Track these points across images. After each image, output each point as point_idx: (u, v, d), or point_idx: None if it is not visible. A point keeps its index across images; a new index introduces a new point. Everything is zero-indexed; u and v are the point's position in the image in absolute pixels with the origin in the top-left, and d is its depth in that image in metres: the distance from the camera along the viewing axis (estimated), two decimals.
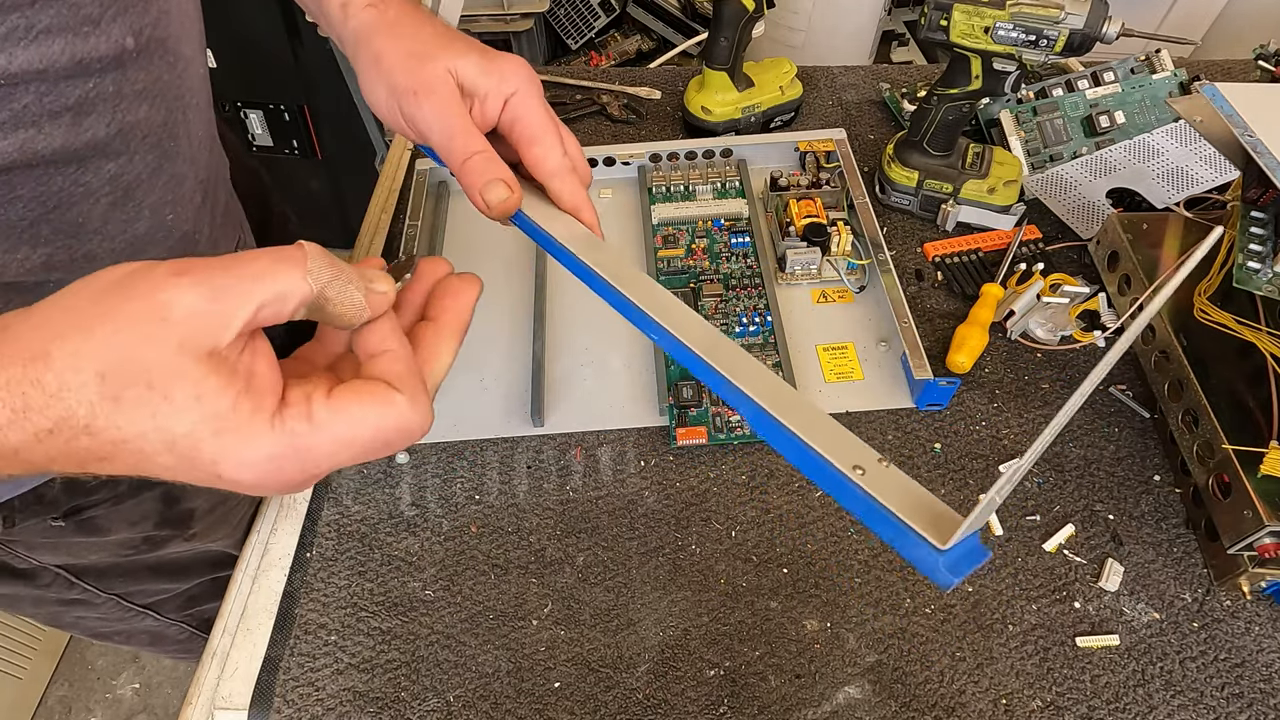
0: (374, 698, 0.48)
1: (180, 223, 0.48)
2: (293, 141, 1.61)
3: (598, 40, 1.74)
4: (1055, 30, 0.58)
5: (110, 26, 0.38)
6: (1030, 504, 0.55)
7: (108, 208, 0.43)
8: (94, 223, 0.43)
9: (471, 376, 0.63)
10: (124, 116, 0.41)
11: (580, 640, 0.50)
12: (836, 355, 0.63)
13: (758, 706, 0.47)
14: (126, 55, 0.39)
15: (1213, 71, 0.85)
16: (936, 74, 0.69)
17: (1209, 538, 0.51)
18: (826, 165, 0.73)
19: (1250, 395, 0.52)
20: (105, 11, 0.38)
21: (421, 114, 0.40)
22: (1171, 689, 0.47)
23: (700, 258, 0.69)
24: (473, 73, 0.40)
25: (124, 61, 0.40)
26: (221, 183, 0.56)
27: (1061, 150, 0.76)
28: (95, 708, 1.35)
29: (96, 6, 0.37)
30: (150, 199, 0.45)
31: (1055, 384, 0.61)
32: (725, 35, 0.74)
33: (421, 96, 0.39)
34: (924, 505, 0.31)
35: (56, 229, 0.41)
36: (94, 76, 0.38)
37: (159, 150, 0.44)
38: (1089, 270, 0.68)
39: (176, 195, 0.47)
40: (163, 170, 0.45)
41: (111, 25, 0.38)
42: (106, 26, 0.38)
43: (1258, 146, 0.50)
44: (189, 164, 0.48)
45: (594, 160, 0.76)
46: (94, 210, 0.42)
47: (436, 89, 0.40)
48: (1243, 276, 0.51)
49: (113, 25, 0.38)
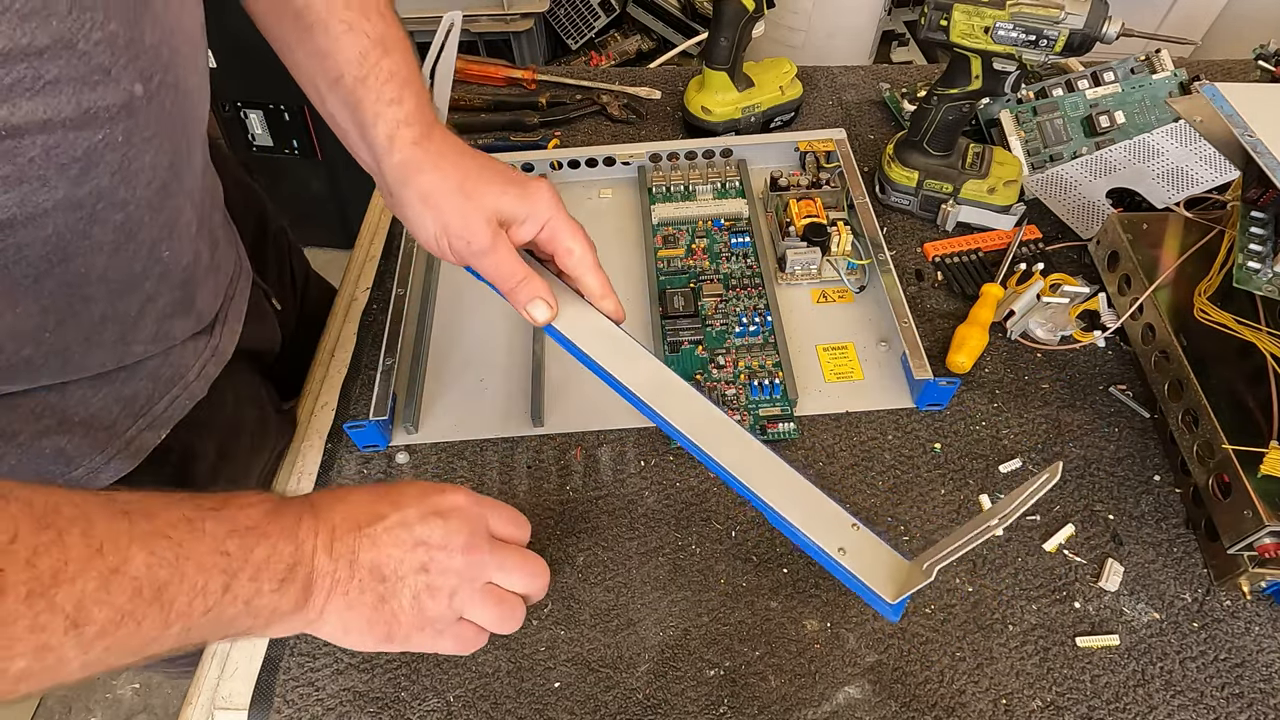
0: (374, 698, 0.48)
1: (176, 256, 0.47)
2: (293, 141, 1.61)
3: (598, 40, 1.74)
4: (1055, 30, 0.58)
5: (121, 75, 0.37)
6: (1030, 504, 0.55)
7: (110, 254, 0.41)
8: (96, 270, 0.41)
9: (471, 376, 0.63)
10: (131, 164, 0.40)
11: (580, 640, 0.50)
12: (836, 355, 0.63)
13: (758, 706, 0.47)
14: (136, 102, 0.38)
15: (1213, 71, 0.85)
16: (936, 74, 0.69)
17: (1209, 538, 0.51)
18: (826, 165, 0.73)
19: (1250, 395, 0.52)
20: (117, 60, 0.36)
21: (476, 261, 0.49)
22: (1171, 689, 0.47)
23: (700, 258, 0.69)
24: (511, 206, 0.48)
25: (134, 109, 0.38)
26: (216, 207, 0.55)
27: (1061, 150, 0.76)
28: (95, 708, 1.35)
29: (108, 55, 0.35)
30: (150, 237, 0.44)
31: (1055, 384, 0.61)
32: (725, 35, 0.74)
33: (475, 247, 0.48)
34: (884, 564, 0.43)
35: (60, 282, 0.40)
36: (104, 127, 0.37)
37: (163, 190, 0.43)
38: (1089, 270, 0.68)
39: (174, 229, 0.46)
40: (164, 208, 0.44)
41: (122, 74, 0.37)
42: (117, 75, 0.36)
43: (1258, 146, 0.50)
44: (187, 197, 0.47)
45: (594, 160, 0.76)
46: (97, 259, 0.41)
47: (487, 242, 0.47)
48: (1243, 276, 0.51)
49: (124, 73, 0.37)
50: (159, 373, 0.50)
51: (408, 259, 0.66)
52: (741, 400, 0.59)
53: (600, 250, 0.71)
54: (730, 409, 0.59)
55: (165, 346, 0.49)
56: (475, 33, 1.48)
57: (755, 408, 0.59)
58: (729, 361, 0.61)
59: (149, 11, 0.38)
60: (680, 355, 0.62)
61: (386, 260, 0.72)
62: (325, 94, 0.49)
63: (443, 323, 0.67)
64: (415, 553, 0.39)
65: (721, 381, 0.60)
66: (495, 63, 0.88)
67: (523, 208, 0.48)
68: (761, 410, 0.58)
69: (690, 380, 0.59)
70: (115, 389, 0.47)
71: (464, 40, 1.51)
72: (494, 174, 0.49)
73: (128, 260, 0.43)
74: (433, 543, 0.40)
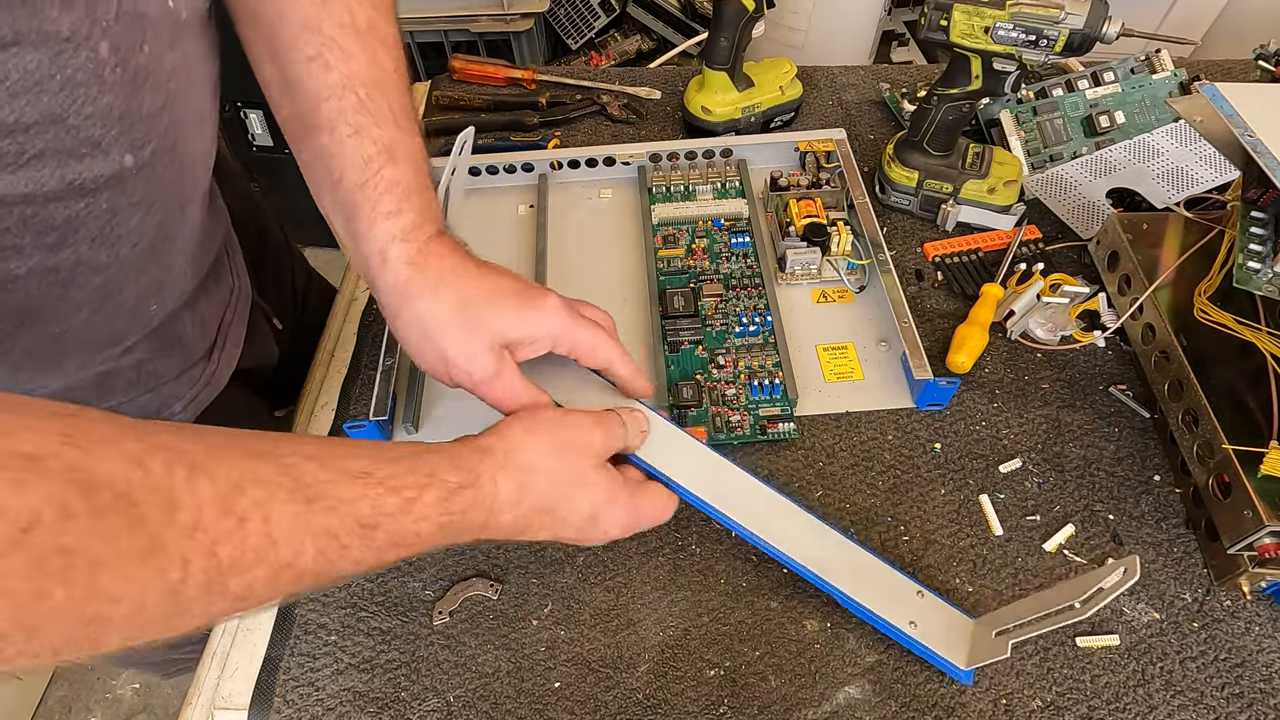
0: (374, 698, 0.48)
1: (162, 308, 0.46)
2: None
3: (598, 40, 1.74)
4: (1055, 30, 0.58)
5: (111, 147, 0.35)
6: (1030, 504, 0.55)
7: (91, 313, 0.40)
8: (73, 329, 0.40)
9: None
10: (113, 230, 0.38)
11: (580, 640, 0.50)
12: (836, 355, 0.63)
13: (758, 706, 0.47)
14: (125, 172, 0.37)
15: (1213, 71, 0.85)
16: (936, 74, 0.69)
17: (1209, 538, 0.51)
18: (826, 165, 0.73)
19: (1250, 395, 0.52)
20: (108, 132, 0.35)
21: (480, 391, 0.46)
22: (1171, 689, 0.47)
23: (700, 258, 0.69)
24: (517, 330, 0.45)
25: (122, 178, 0.37)
26: (216, 241, 0.53)
27: (1061, 150, 0.76)
28: (95, 708, 1.35)
29: (99, 128, 0.34)
30: (135, 294, 0.43)
31: (1055, 384, 0.61)
32: (725, 35, 0.74)
33: (477, 377, 0.45)
34: (953, 628, 0.48)
35: (34, 340, 0.39)
36: (87, 197, 0.35)
37: (150, 251, 0.42)
38: (1089, 270, 0.68)
39: (163, 284, 0.45)
40: (150, 267, 0.43)
41: (113, 146, 0.36)
42: (107, 147, 0.35)
43: (1258, 146, 0.49)
44: (180, 252, 0.45)
45: (594, 160, 0.76)
46: (74, 319, 0.40)
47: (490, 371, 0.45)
48: (1243, 276, 0.51)
49: (114, 145, 0.36)
50: (148, 407, 0.49)
51: None
52: (741, 400, 0.59)
53: (600, 250, 0.72)
54: (730, 409, 0.59)
55: (151, 386, 0.48)
56: (475, 33, 1.47)
57: (755, 408, 0.59)
58: (729, 361, 0.61)
59: (149, 80, 0.36)
60: (680, 355, 0.62)
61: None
62: (324, 195, 0.46)
63: None
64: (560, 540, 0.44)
65: (721, 381, 0.60)
66: (495, 63, 0.88)
67: (529, 328, 0.45)
68: (761, 410, 0.58)
69: (690, 380, 0.60)
70: None
71: (464, 40, 1.51)
72: (496, 295, 0.45)
73: (109, 318, 0.42)
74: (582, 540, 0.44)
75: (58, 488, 0.25)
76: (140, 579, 0.27)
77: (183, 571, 0.28)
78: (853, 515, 0.54)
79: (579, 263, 0.70)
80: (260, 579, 0.30)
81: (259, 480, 0.31)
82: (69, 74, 0.32)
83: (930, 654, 0.46)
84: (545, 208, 0.73)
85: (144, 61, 0.36)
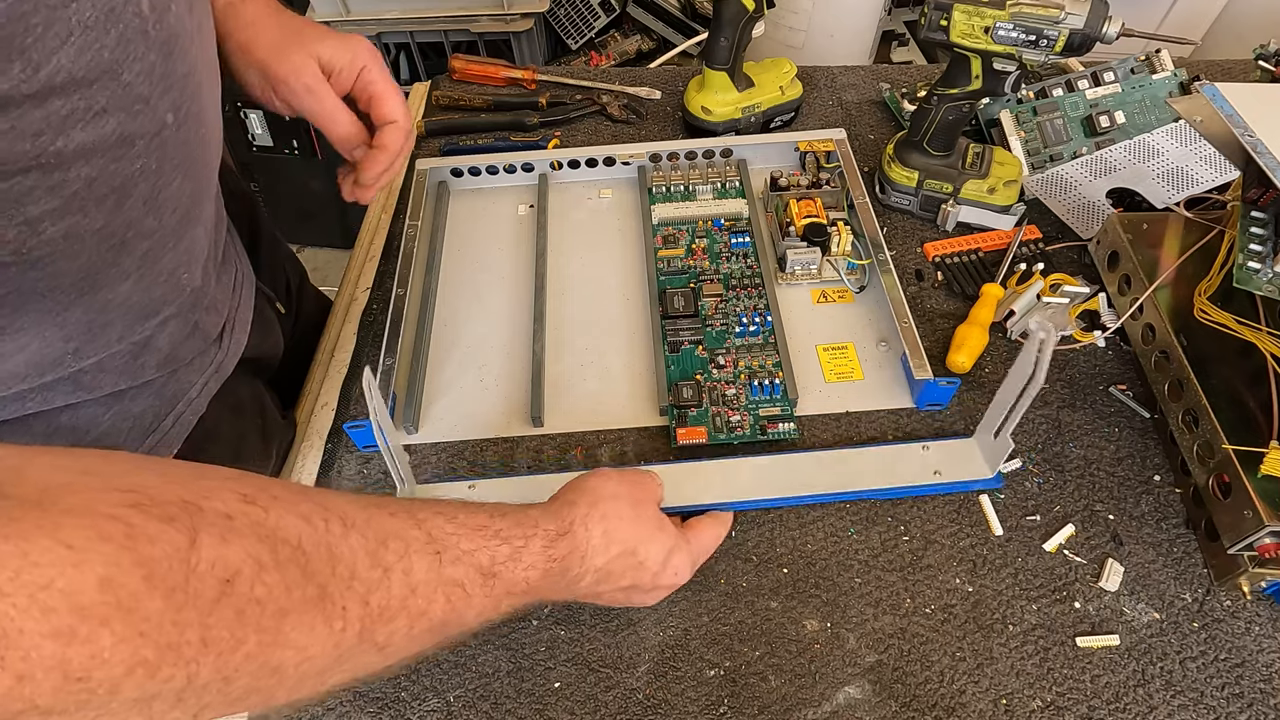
0: (374, 698, 0.48)
1: (192, 279, 0.48)
2: (293, 141, 1.61)
3: (598, 40, 1.74)
4: (1055, 30, 0.58)
5: (158, 104, 0.38)
6: (1030, 504, 0.55)
7: (135, 281, 0.42)
8: (120, 297, 0.42)
9: (471, 376, 0.63)
10: (159, 193, 0.41)
11: (580, 640, 0.50)
12: (836, 355, 0.63)
13: (758, 706, 0.47)
14: (167, 131, 0.39)
15: (1213, 71, 0.85)
16: (936, 74, 0.69)
17: (1209, 538, 0.51)
18: (826, 165, 0.73)
19: (1250, 395, 0.52)
20: (154, 89, 0.37)
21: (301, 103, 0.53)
22: (1171, 689, 0.47)
23: (700, 258, 0.69)
24: (331, 52, 0.52)
25: (165, 139, 0.39)
26: (223, 225, 0.56)
27: (1061, 150, 0.76)
28: None
29: (147, 85, 0.36)
30: (171, 263, 0.45)
31: (1055, 384, 0.61)
32: (725, 35, 0.74)
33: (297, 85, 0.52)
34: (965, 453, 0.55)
35: (87, 309, 0.41)
36: (140, 157, 0.38)
37: (185, 219, 0.44)
38: (1089, 270, 0.68)
39: (191, 256, 0.47)
40: (184, 235, 0.45)
41: (159, 103, 0.38)
42: (155, 104, 0.37)
43: (1258, 146, 0.49)
44: (203, 224, 0.48)
45: (594, 160, 0.76)
46: (122, 287, 0.42)
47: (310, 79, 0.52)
48: (1243, 276, 0.51)
49: (159, 103, 0.38)
50: (164, 390, 0.50)
51: (408, 259, 0.66)
52: (742, 400, 0.59)
53: (600, 250, 0.72)
54: (730, 409, 0.59)
55: (174, 366, 0.50)
56: (475, 33, 1.47)
57: (755, 408, 0.59)
58: (729, 361, 0.61)
59: (178, 44, 0.39)
60: (680, 355, 0.62)
61: (386, 260, 0.72)
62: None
63: (443, 323, 0.67)
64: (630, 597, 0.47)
65: (721, 381, 0.60)
66: (495, 63, 0.88)
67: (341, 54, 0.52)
68: (761, 410, 0.58)
69: (690, 380, 0.60)
70: (124, 407, 0.48)
71: (464, 40, 1.51)
72: (311, 25, 0.53)
73: (148, 286, 0.44)
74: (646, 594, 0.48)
75: (250, 544, 0.28)
76: (314, 626, 0.29)
77: (343, 620, 0.30)
78: (853, 515, 0.54)
79: (579, 263, 0.71)
80: (400, 629, 0.33)
81: (400, 535, 0.34)
82: (120, 29, 0.34)
83: (964, 486, 0.54)
84: (545, 208, 0.73)
85: (172, 22, 0.38)
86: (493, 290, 0.69)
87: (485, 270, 0.70)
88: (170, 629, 0.25)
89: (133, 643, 0.24)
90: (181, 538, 0.26)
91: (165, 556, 0.25)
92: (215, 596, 0.26)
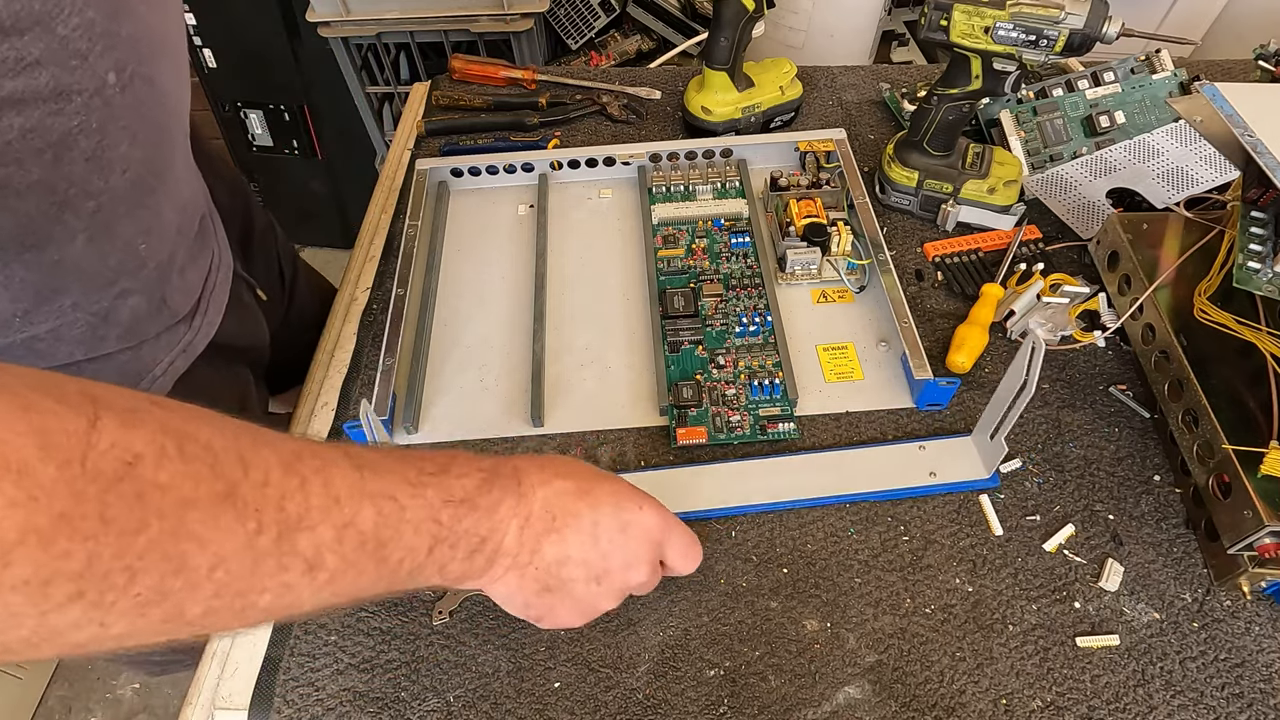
0: (374, 698, 0.48)
1: (154, 253, 0.48)
2: (293, 141, 1.61)
3: (598, 40, 1.74)
4: (1055, 30, 0.58)
5: (97, 62, 0.38)
6: (1030, 504, 0.55)
7: (85, 244, 0.42)
8: (70, 260, 0.42)
9: (471, 376, 0.63)
10: (105, 153, 0.40)
11: (580, 640, 0.50)
12: (836, 355, 0.63)
13: (758, 706, 0.47)
14: (109, 90, 0.39)
15: (1213, 71, 0.85)
16: (936, 74, 0.69)
17: (1209, 538, 0.51)
18: (826, 165, 0.73)
19: (1250, 395, 0.52)
20: (94, 47, 0.37)
21: None
22: (1171, 689, 0.47)
23: (700, 258, 0.69)
24: None
25: (108, 98, 0.39)
26: (197, 207, 0.55)
27: (1061, 150, 0.76)
28: (95, 708, 1.35)
29: (85, 41, 0.37)
30: (126, 232, 0.45)
31: (1055, 384, 0.61)
32: (725, 35, 0.74)
33: None
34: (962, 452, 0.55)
35: (31, 268, 0.41)
36: (79, 114, 0.38)
37: (140, 186, 0.44)
38: (1089, 270, 0.68)
39: (153, 226, 0.47)
40: (142, 204, 0.45)
41: (98, 61, 0.38)
42: (94, 62, 0.37)
43: (1258, 146, 0.49)
44: (166, 196, 0.48)
45: (594, 160, 0.76)
46: (70, 249, 0.42)
47: None
48: (1243, 276, 0.51)
49: (99, 61, 0.38)
50: (127, 366, 0.50)
51: (408, 259, 0.66)
52: (741, 400, 0.59)
53: (600, 250, 0.72)
54: (730, 409, 0.59)
55: (137, 341, 0.50)
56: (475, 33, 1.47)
57: (755, 408, 0.59)
58: (729, 361, 0.61)
59: (125, 5, 0.39)
60: (680, 355, 0.62)
61: (386, 260, 0.72)
62: None
63: (443, 323, 0.67)
64: (593, 566, 0.41)
65: (721, 381, 0.60)
66: (495, 63, 0.88)
67: None
68: (761, 410, 0.58)
69: (690, 380, 0.60)
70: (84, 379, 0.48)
71: (464, 40, 1.51)
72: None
73: (102, 253, 0.44)
74: (612, 563, 0.42)
75: (154, 433, 0.27)
76: (221, 524, 0.28)
77: (257, 521, 0.29)
78: (853, 515, 0.54)
79: (579, 262, 0.71)
80: (327, 541, 0.31)
81: (315, 453, 0.32)
82: None
83: (960, 486, 0.54)
84: (545, 208, 0.73)
85: None
86: (493, 290, 0.69)
87: (485, 270, 0.70)
88: (66, 498, 0.23)
89: (24, 507, 0.23)
90: (81, 419, 0.25)
91: (62, 429, 0.24)
92: (115, 476, 0.25)
